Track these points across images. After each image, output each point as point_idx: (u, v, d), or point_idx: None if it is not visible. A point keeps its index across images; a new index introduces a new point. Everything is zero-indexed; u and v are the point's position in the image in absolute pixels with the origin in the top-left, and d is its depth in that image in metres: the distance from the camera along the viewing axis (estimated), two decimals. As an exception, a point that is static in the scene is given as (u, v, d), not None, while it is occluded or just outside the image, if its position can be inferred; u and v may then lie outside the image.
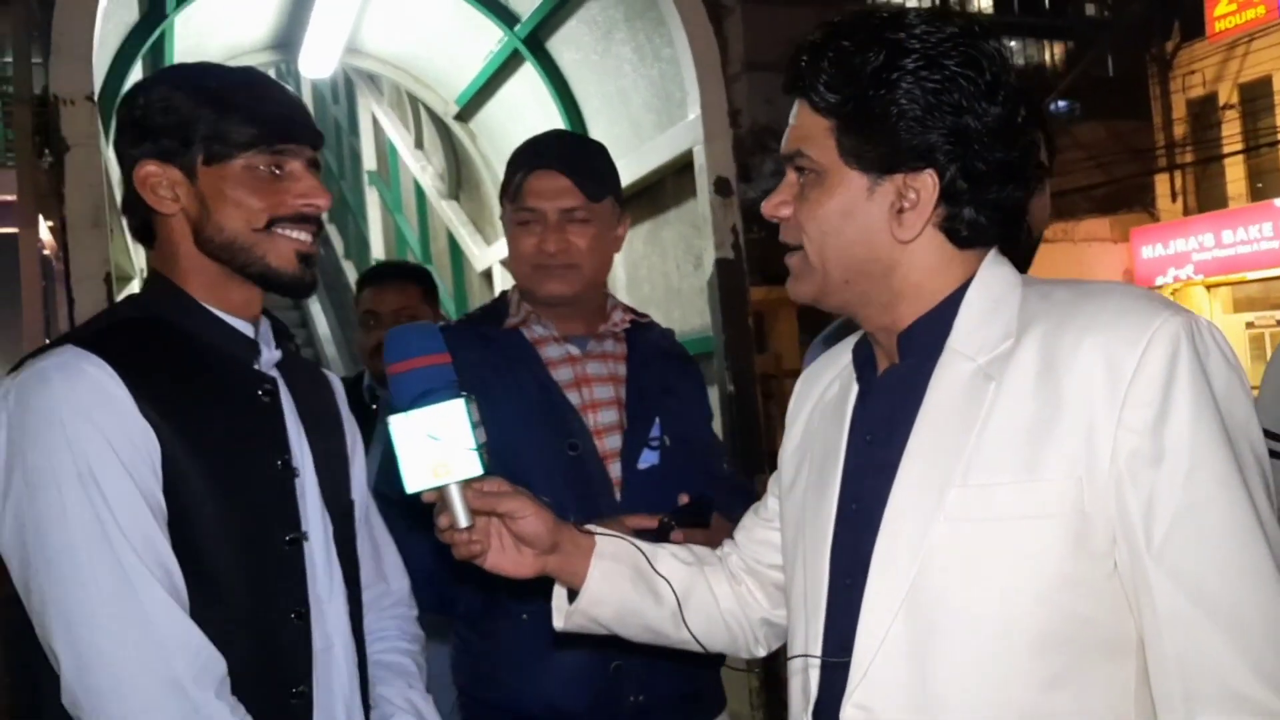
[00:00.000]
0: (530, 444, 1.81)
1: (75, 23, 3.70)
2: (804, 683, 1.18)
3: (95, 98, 3.63)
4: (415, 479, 1.20)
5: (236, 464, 1.31)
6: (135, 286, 4.90)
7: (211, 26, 5.83)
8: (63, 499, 1.18)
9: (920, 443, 1.10)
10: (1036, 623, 1.03)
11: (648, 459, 1.64)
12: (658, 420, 1.81)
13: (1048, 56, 26.17)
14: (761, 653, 1.44)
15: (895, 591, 1.08)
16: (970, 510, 1.05)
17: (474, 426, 1.22)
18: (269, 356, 1.42)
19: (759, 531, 1.44)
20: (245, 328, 1.38)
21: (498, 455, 1.82)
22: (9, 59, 9.13)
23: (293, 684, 1.33)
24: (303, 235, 1.35)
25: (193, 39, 5.59)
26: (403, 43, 6.51)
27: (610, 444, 1.84)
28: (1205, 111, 17.94)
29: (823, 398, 1.32)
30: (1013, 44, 25.30)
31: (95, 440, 1.20)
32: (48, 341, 1.37)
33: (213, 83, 1.31)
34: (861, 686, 1.09)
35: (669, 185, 4.66)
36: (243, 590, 1.29)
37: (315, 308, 10.73)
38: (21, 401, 1.22)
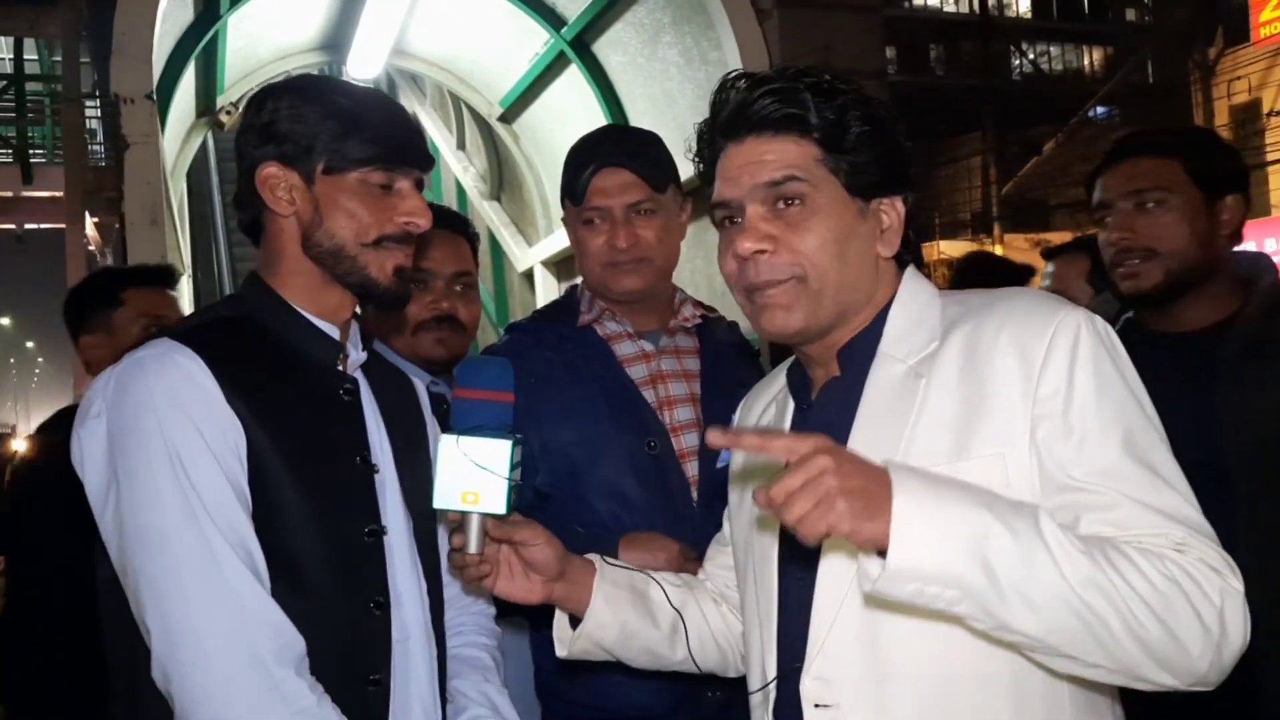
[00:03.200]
0: (608, 443, 1.80)
1: (136, 23, 3.77)
2: (763, 698, 1.25)
3: (154, 96, 3.68)
4: (445, 498, 1.26)
5: (317, 457, 1.36)
6: (185, 284, 4.96)
7: (263, 28, 5.92)
8: (155, 481, 1.24)
9: (860, 438, 1.17)
10: None
11: (724, 456, 1.61)
12: (733, 417, 1.80)
13: (1086, 62, 25.95)
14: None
15: (844, 574, 1.14)
16: None
17: (513, 468, 1.26)
18: (355, 358, 1.46)
19: (722, 558, 1.48)
20: (332, 330, 1.42)
21: (576, 454, 1.82)
22: (57, 58, 9.27)
23: (370, 671, 1.36)
24: (404, 251, 1.40)
25: (244, 40, 5.67)
26: (449, 44, 6.56)
27: (687, 442, 1.81)
28: (1249, 118, 17.70)
29: (759, 422, 1.40)
30: (1051, 49, 25.11)
31: (185, 426, 1.26)
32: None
33: (342, 100, 1.38)
34: (819, 659, 1.16)
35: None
36: (324, 578, 1.33)
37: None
38: (120, 389, 1.29)
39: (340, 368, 1.44)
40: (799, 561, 1.23)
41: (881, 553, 0.98)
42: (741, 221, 1.20)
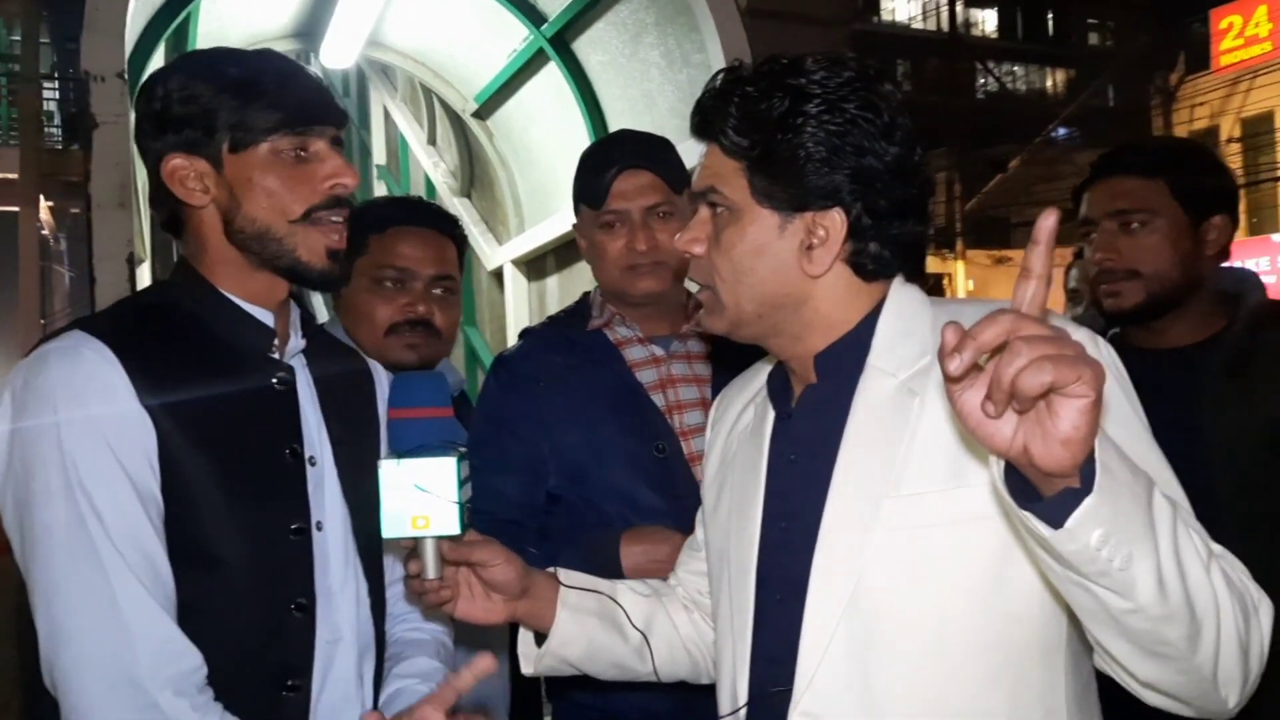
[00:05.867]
0: (616, 447, 1.81)
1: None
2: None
3: (125, 75, 3.59)
4: (394, 526, 1.22)
5: (241, 452, 1.30)
6: (145, 270, 4.86)
7: (235, 12, 5.81)
8: (49, 483, 1.19)
9: (850, 457, 1.14)
10: (972, 623, 1.08)
11: None
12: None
13: (1050, 83, 26.35)
14: None
15: (836, 600, 1.11)
16: (904, 519, 1.09)
17: (460, 484, 1.22)
18: (294, 345, 1.40)
19: (693, 564, 1.47)
20: (265, 316, 1.36)
21: (584, 458, 1.82)
22: (16, 38, 9.09)
23: (288, 676, 1.30)
24: (336, 223, 1.33)
25: (215, 23, 5.57)
26: (425, 37, 6.49)
27: (696, 446, 1.82)
28: (1207, 145, 18.06)
29: (736, 424, 1.36)
30: (1016, 69, 25.46)
31: (85, 426, 1.20)
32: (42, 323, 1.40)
33: (233, 69, 1.30)
34: (808, 694, 1.12)
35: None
36: (242, 580, 1.27)
37: (317, 299, 10.69)
38: (25, 383, 1.24)
39: (275, 355, 1.37)
40: (779, 580, 1.19)
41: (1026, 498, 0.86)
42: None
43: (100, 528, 1.18)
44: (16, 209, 8.49)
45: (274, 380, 1.36)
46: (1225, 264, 1.91)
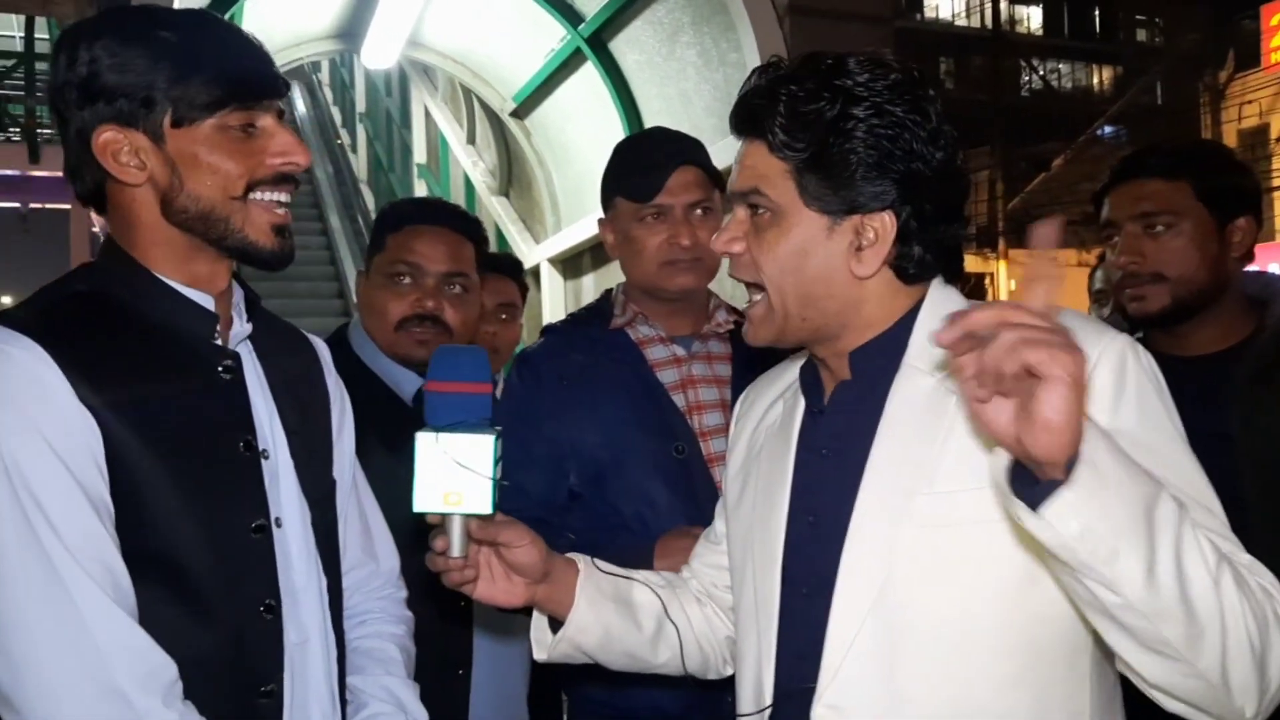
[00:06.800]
0: (635, 446, 1.81)
1: (124, 4, 3.75)
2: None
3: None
4: (426, 500, 1.18)
5: (193, 449, 1.20)
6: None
7: (278, 13, 5.90)
8: None
9: (883, 452, 1.13)
10: (998, 623, 1.07)
11: None
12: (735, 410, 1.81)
13: (1096, 81, 25.97)
14: (729, 671, 1.44)
15: (865, 595, 1.11)
16: (936, 515, 1.09)
17: (496, 463, 1.19)
18: (239, 330, 1.30)
19: (711, 556, 1.45)
20: (206, 301, 1.26)
21: (603, 457, 1.83)
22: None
23: (261, 682, 1.23)
24: (280, 198, 1.24)
25: (259, 24, 5.65)
26: (464, 37, 6.54)
27: (716, 447, 1.81)
28: (1258, 143, 17.71)
29: (764, 419, 1.35)
30: (1061, 67, 25.13)
31: (25, 432, 1.09)
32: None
33: (167, 33, 1.18)
34: (832, 687, 1.12)
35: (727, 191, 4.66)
36: (206, 584, 1.18)
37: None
38: None
39: (219, 342, 1.27)
40: (805, 574, 1.19)
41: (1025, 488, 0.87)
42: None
43: (55, 538, 1.08)
44: (68, 207, 8.68)
45: (220, 369, 1.26)
46: (1250, 268, 1.89)
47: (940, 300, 1.20)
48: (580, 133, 6.41)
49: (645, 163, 1.89)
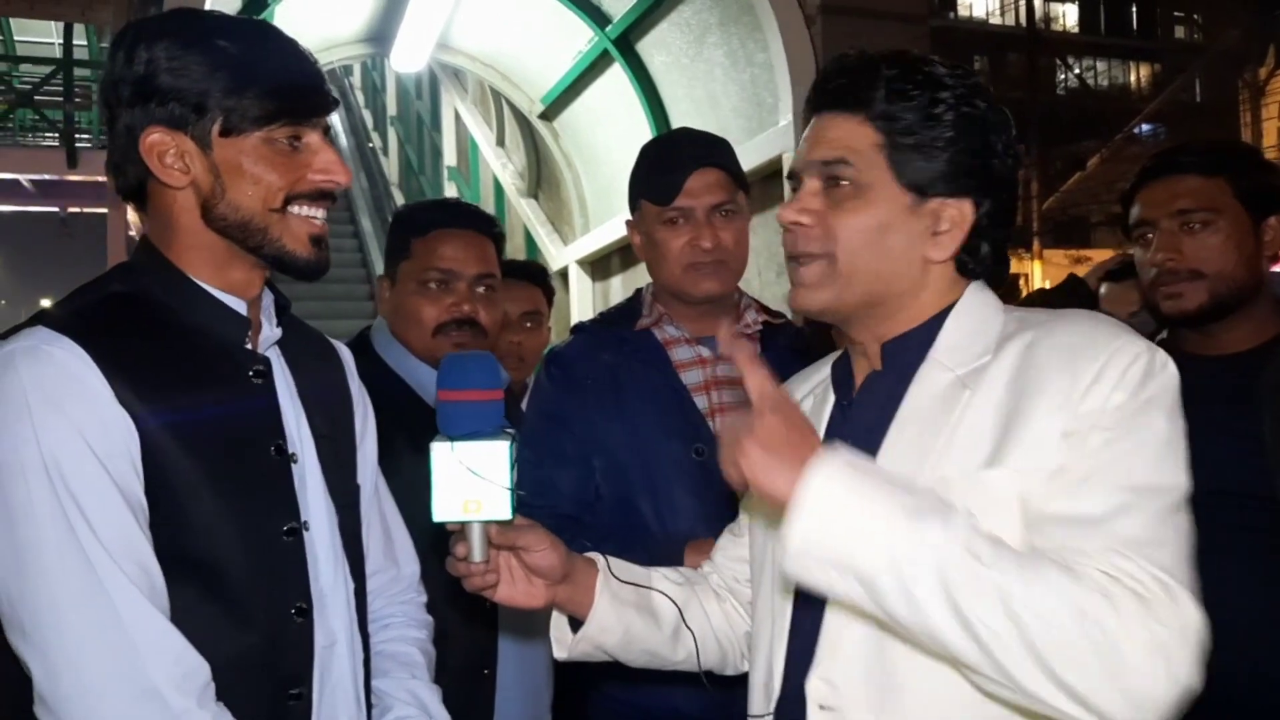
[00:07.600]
0: (656, 447, 1.81)
1: (189, 4, 3.80)
2: (765, 695, 1.24)
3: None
4: (445, 510, 1.18)
5: (226, 451, 1.22)
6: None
7: (309, 16, 5.95)
8: (30, 494, 1.09)
9: (894, 442, 1.15)
10: None
11: None
12: None
13: (1133, 79, 25.65)
14: (747, 667, 1.43)
15: None
16: None
17: (513, 468, 1.19)
18: (268, 335, 1.32)
19: (733, 549, 1.46)
20: (239, 305, 1.28)
21: (625, 457, 1.83)
22: (105, 44, 9.38)
23: (291, 685, 1.24)
24: (316, 214, 1.26)
25: (290, 28, 5.71)
26: (493, 40, 6.57)
27: None
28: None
29: None
30: (1098, 64, 24.84)
31: (65, 431, 1.10)
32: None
33: (226, 43, 1.20)
34: (825, 661, 1.14)
35: (754, 191, 4.65)
36: (240, 586, 1.20)
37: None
38: None
39: (250, 346, 1.29)
40: None
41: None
42: (798, 191, 1.20)
43: (94, 539, 1.09)
44: (105, 210, 8.80)
45: (251, 374, 1.28)
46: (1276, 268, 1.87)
47: (975, 301, 1.21)
48: (608, 134, 6.42)
49: (666, 164, 1.89)
